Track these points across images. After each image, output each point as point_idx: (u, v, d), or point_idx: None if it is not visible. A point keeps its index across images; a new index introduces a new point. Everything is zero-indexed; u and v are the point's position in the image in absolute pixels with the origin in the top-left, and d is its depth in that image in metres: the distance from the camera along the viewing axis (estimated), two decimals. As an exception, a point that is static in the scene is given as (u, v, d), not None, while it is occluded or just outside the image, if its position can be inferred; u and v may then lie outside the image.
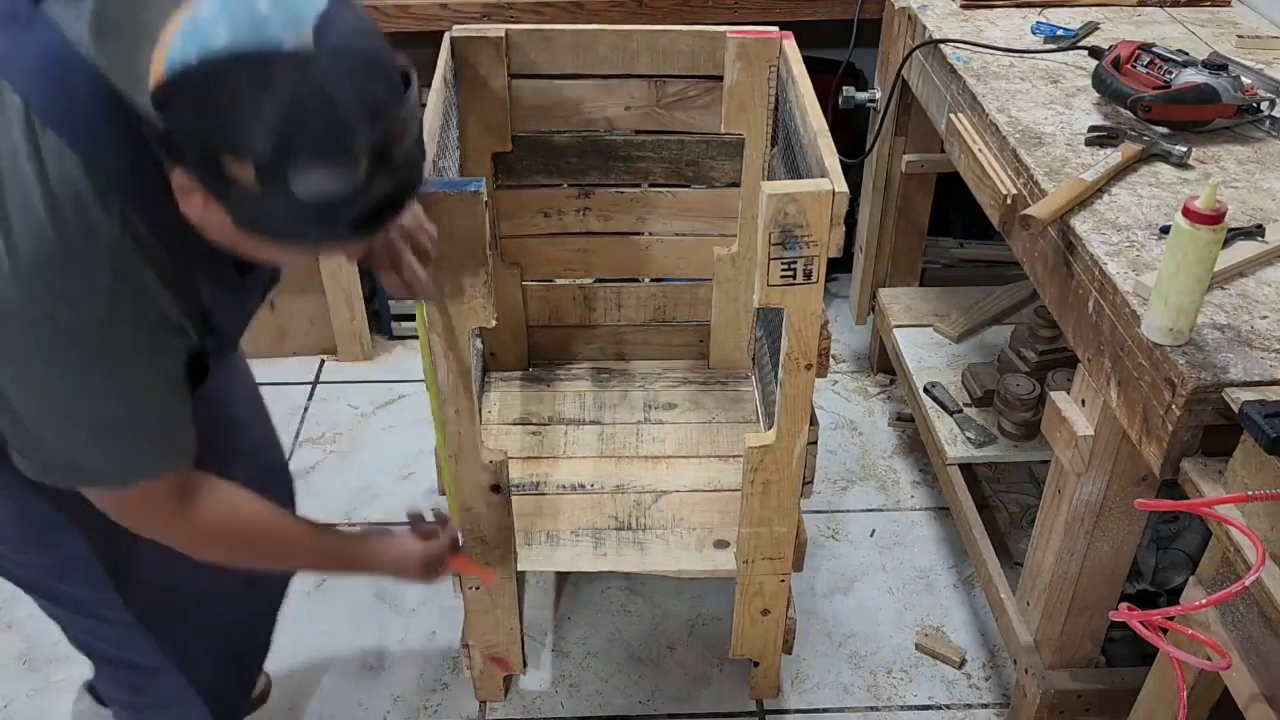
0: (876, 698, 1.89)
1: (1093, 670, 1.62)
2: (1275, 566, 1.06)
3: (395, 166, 0.94)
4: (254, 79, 0.85)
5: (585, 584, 2.08)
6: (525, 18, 2.16)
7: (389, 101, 0.92)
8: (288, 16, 0.86)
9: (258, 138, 0.86)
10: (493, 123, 1.79)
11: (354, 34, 0.90)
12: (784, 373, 1.41)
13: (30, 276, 0.96)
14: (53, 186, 0.95)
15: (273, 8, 0.86)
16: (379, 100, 0.91)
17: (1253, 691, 1.13)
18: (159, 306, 1.03)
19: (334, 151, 0.89)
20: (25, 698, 1.85)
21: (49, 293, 0.97)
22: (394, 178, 0.94)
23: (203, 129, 0.88)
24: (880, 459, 2.38)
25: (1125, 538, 1.49)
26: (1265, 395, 1.09)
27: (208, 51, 0.85)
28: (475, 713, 1.86)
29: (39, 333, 0.99)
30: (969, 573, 2.11)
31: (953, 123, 1.72)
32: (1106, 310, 1.28)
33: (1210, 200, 1.07)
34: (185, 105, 0.87)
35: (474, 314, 1.38)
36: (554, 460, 1.86)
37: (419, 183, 1.01)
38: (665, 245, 1.96)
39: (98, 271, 0.98)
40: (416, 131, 0.97)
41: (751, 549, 1.62)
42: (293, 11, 0.86)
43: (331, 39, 0.87)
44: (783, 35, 1.71)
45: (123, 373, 1.04)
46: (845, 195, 1.28)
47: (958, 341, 2.25)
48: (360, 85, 0.89)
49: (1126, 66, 1.59)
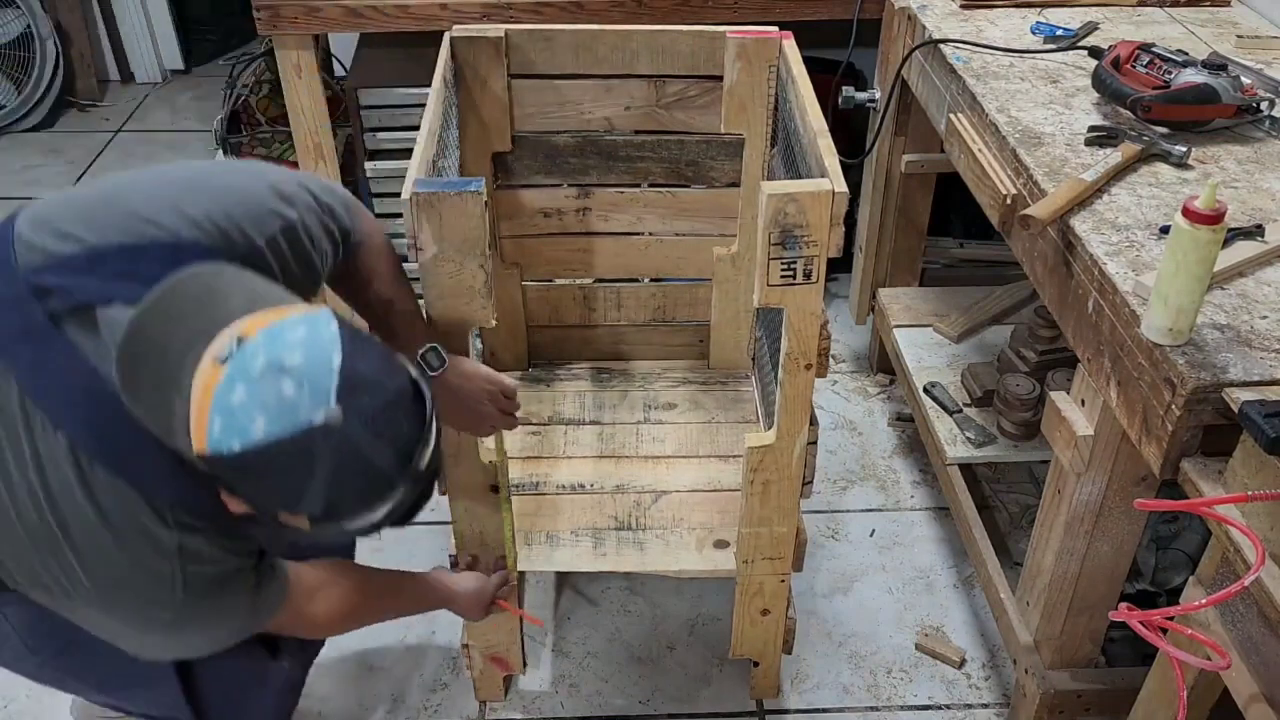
0: (876, 698, 1.89)
1: (1093, 670, 1.62)
2: (1275, 566, 1.06)
3: (424, 477, 1.03)
4: (297, 459, 0.92)
5: (585, 584, 2.08)
6: (525, 18, 2.16)
7: (415, 435, 1.00)
8: (313, 392, 0.92)
9: (307, 502, 0.95)
10: (493, 123, 1.79)
11: (373, 386, 0.96)
12: (784, 373, 1.41)
13: (113, 595, 1.08)
14: (111, 519, 1.04)
15: (298, 389, 0.91)
16: (408, 440, 0.99)
17: (1253, 691, 1.13)
18: (226, 565, 1.13)
19: (377, 499, 0.98)
20: (25, 697, 1.85)
21: (137, 603, 1.09)
22: (424, 482, 1.03)
23: (254, 495, 0.97)
24: (880, 459, 2.38)
25: (1125, 538, 1.49)
26: (1265, 395, 1.09)
27: (249, 441, 0.91)
28: (475, 713, 1.86)
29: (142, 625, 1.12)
30: (969, 573, 2.11)
31: (952, 123, 1.72)
32: (1106, 310, 1.28)
33: (1210, 200, 1.07)
34: (235, 477, 0.95)
35: (474, 314, 1.38)
36: (554, 460, 1.86)
37: (440, 470, 1.13)
38: (665, 245, 1.96)
39: (168, 571, 1.08)
40: (436, 438, 1.04)
41: (751, 549, 1.62)
42: (317, 385, 0.92)
43: (356, 401, 0.93)
44: (783, 35, 1.71)
45: (214, 621, 1.17)
46: (845, 195, 1.28)
47: (957, 341, 2.25)
48: (390, 435, 0.97)
49: (1126, 66, 1.59)
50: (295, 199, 1.19)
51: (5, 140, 3.72)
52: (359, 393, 0.94)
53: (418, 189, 1.28)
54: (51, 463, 1.02)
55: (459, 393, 1.39)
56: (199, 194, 1.11)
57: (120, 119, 3.88)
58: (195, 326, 0.94)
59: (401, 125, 2.35)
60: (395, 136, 2.36)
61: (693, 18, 2.18)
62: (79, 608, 1.11)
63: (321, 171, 2.35)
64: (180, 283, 0.98)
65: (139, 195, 1.10)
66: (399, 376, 1.00)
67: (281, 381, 0.91)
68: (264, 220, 1.13)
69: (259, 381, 0.90)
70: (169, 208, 1.08)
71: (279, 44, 2.20)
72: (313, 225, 1.20)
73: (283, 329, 0.93)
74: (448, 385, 1.37)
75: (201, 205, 1.09)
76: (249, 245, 1.11)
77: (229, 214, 1.10)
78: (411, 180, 1.30)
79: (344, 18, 2.17)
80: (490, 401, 1.41)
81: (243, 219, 1.11)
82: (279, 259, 1.14)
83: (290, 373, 0.91)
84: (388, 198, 2.45)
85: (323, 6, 2.15)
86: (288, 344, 0.92)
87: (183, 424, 0.92)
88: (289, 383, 0.91)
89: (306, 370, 0.92)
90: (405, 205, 1.29)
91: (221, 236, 1.09)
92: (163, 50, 4.10)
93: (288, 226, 1.16)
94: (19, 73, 3.71)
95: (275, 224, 1.14)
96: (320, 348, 0.93)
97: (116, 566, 1.06)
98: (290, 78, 2.23)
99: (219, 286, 0.99)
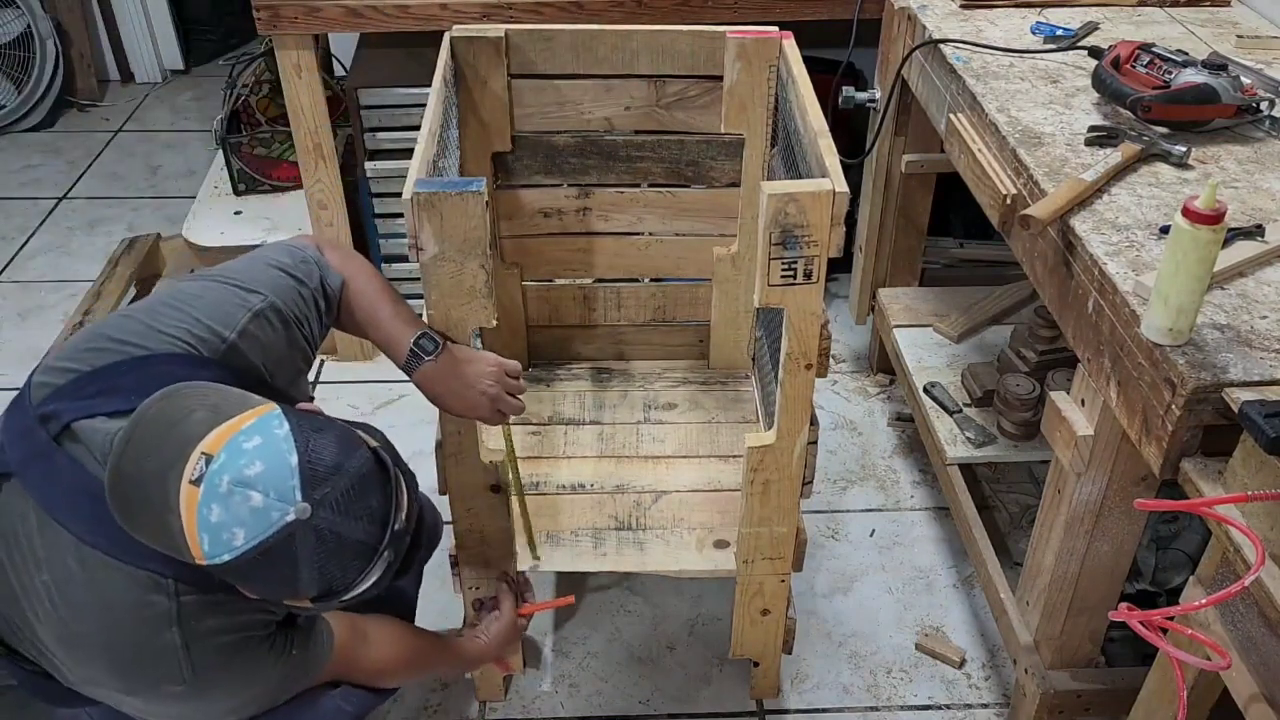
0: (876, 698, 1.89)
1: (1093, 670, 1.62)
2: (1275, 566, 1.06)
3: (406, 532, 1.11)
4: (281, 555, 1.03)
5: (585, 584, 2.08)
6: (525, 18, 2.16)
7: (385, 504, 1.09)
8: (279, 495, 1.02)
9: (304, 587, 1.05)
10: (493, 123, 1.79)
11: (334, 473, 1.05)
12: (784, 373, 1.41)
13: (125, 671, 1.16)
14: (109, 596, 1.14)
15: (265, 497, 1.01)
16: (380, 510, 1.08)
17: (1253, 691, 1.13)
18: (241, 634, 1.20)
19: (366, 567, 1.08)
20: None
21: (145, 678, 1.17)
22: (407, 536, 1.12)
23: (256, 589, 1.09)
24: (880, 459, 2.38)
25: (1125, 538, 1.49)
26: (1265, 395, 1.09)
27: (235, 551, 1.02)
28: (475, 713, 1.86)
29: (163, 699, 1.19)
30: (969, 573, 2.11)
31: (952, 123, 1.72)
32: (1106, 310, 1.28)
33: (1210, 200, 1.07)
34: (236, 579, 1.07)
35: (474, 314, 1.38)
36: (554, 460, 1.86)
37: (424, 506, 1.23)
38: (665, 245, 1.96)
39: (170, 642, 1.15)
40: (407, 492, 1.13)
41: (751, 549, 1.62)
42: (280, 488, 1.02)
43: (320, 492, 1.03)
44: (783, 35, 1.71)
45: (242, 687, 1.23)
46: (845, 195, 1.28)
47: (958, 341, 2.25)
48: (360, 510, 1.06)
49: (1126, 66, 1.59)
50: (262, 285, 1.29)
51: (5, 140, 3.72)
52: (322, 484, 1.04)
53: (418, 189, 1.28)
54: (59, 560, 1.14)
55: (461, 375, 1.38)
56: (167, 309, 1.24)
57: (120, 119, 3.88)
58: (166, 455, 1.03)
59: (401, 125, 2.35)
60: (395, 136, 2.36)
61: (693, 18, 2.18)
62: (112, 694, 1.19)
63: (322, 171, 2.35)
64: (144, 416, 1.08)
65: (116, 324, 1.23)
66: (356, 455, 1.08)
67: (249, 494, 1.01)
68: (230, 315, 1.24)
69: (228, 498, 1.01)
70: (142, 328, 1.21)
71: (279, 44, 2.20)
72: (289, 300, 1.30)
73: (239, 442, 1.03)
74: (448, 369, 1.38)
75: (170, 318, 1.22)
76: (219, 340, 1.22)
77: (195, 319, 1.22)
78: (412, 180, 1.30)
79: (344, 18, 2.17)
80: (495, 381, 1.40)
81: (209, 319, 1.23)
82: (253, 343, 1.25)
83: (253, 484, 1.01)
84: (388, 198, 2.45)
85: (323, 6, 2.15)
86: (247, 456, 1.02)
87: (182, 539, 1.03)
88: (255, 494, 1.01)
89: (268, 477, 1.02)
90: (406, 205, 1.29)
91: (191, 341, 1.20)
92: (163, 50, 4.10)
93: (255, 313, 1.26)
94: (19, 73, 3.71)
95: (240, 315, 1.25)
96: (276, 453, 1.03)
97: (123, 646, 1.15)
98: (290, 78, 2.23)
99: (178, 410, 1.07)
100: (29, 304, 2.89)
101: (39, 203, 3.36)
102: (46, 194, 3.41)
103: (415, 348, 1.36)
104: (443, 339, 1.38)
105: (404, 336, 1.37)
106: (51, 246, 3.15)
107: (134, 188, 3.46)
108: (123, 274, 2.71)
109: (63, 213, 3.32)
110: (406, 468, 1.16)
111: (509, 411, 1.44)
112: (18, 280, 3.00)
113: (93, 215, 3.31)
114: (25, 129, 3.76)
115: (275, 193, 2.77)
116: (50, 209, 3.34)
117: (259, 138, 2.73)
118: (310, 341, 1.33)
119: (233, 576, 1.05)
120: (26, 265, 3.06)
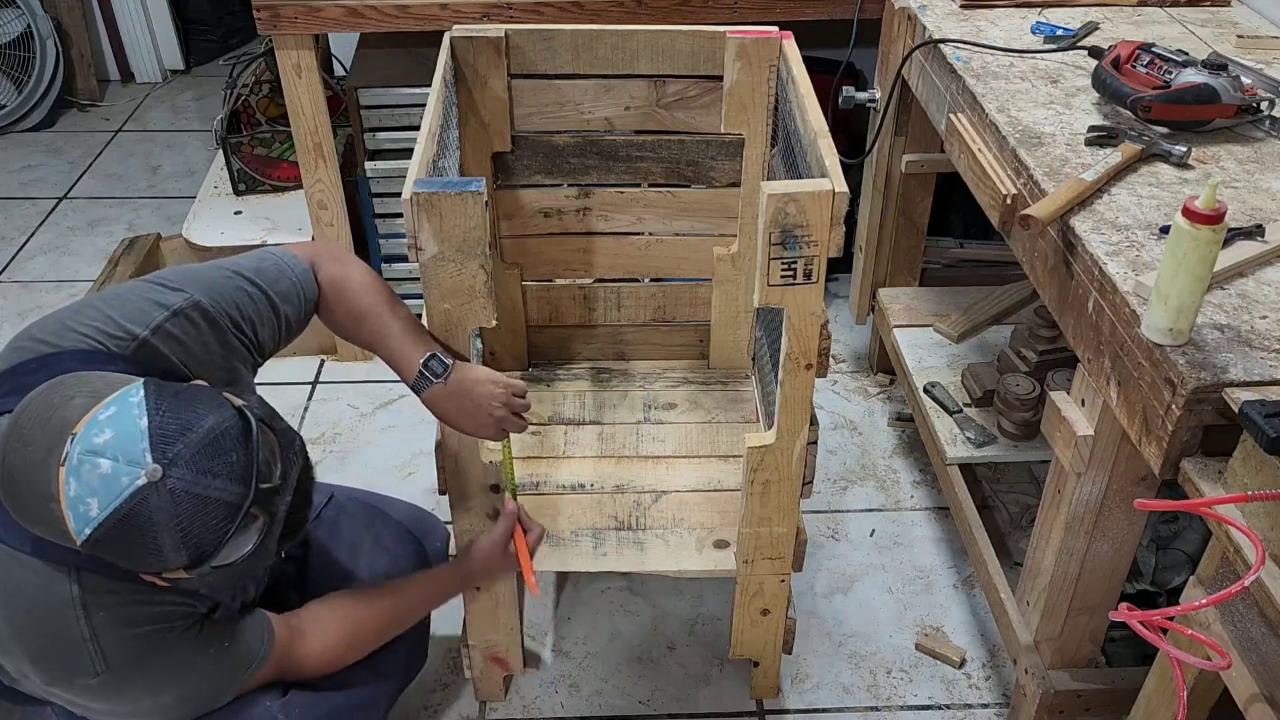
0: (876, 698, 1.89)
1: (1093, 670, 1.62)
2: (1275, 566, 1.06)
3: (283, 488, 1.09)
4: (138, 522, 1.01)
5: (585, 584, 2.08)
6: (525, 18, 2.16)
7: (247, 457, 1.06)
8: (128, 460, 1.00)
9: (170, 556, 1.03)
10: (493, 123, 1.79)
11: (185, 432, 1.03)
12: (784, 373, 1.41)
13: (42, 663, 1.15)
14: (14, 591, 1.13)
15: (113, 463, 1.00)
16: (243, 466, 1.05)
17: (1253, 691, 1.13)
18: (144, 613, 1.18)
19: (234, 528, 1.04)
20: (25, 698, 1.85)
21: (61, 670, 1.16)
22: (286, 496, 1.09)
23: (131, 564, 1.05)
24: (880, 459, 2.38)
25: (1125, 538, 1.49)
26: (1265, 395, 1.09)
27: (92, 523, 1.00)
28: (475, 713, 1.86)
29: (84, 693, 1.18)
30: (969, 573, 2.11)
31: (952, 123, 1.72)
32: (1106, 310, 1.28)
33: (1210, 200, 1.07)
34: (106, 555, 1.04)
35: (474, 314, 1.38)
36: (554, 460, 1.86)
37: (309, 467, 1.16)
38: (665, 245, 1.96)
39: (78, 633, 1.14)
40: (277, 444, 1.11)
41: (751, 549, 1.62)
42: (129, 452, 1.01)
43: (171, 451, 1.02)
44: (783, 35, 1.71)
45: (171, 682, 1.21)
46: (845, 195, 1.28)
47: (958, 341, 2.25)
48: (219, 468, 1.03)
49: (1126, 66, 1.59)
50: (194, 285, 1.27)
51: (5, 140, 3.72)
52: (173, 443, 1.02)
53: (418, 189, 1.28)
54: None
55: (469, 397, 1.39)
56: (89, 307, 1.23)
57: (120, 119, 3.88)
58: (44, 443, 1.03)
59: (401, 125, 2.35)
60: (395, 136, 2.37)
61: (693, 18, 2.19)
62: (41, 688, 1.19)
63: (322, 171, 2.35)
64: (28, 408, 1.07)
65: (42, 322, 1.23)
66: (215, 413, 1.06)
67: (98, 462, 1.00)
68: (145, 313, 1.23)
69: (79, 469, 1.00)
70: (59, 326, 1.21)
71: (279, 44, 2.20)
72: (225, 302, 1.29)
73: (97, 415, 1.02)
74: (456, 391, 1.38)
75: (87, 315, 1.21)
76: (129, 337, 1.20)
77: (109, 316, 1.21)
78: (412, 180, 1.30)
79: (344, 18, 2.17)
80: (502, 404, 1.41)
81: (123, 317, 1.22)
82: (171, 342, 1.23)
83: (102, 451, 1.00)
84: (388, 198, 2.45)
85: (323, 6, 2.15)
86: (99, 426, 1.01)
87: (63, 525, 1.02)
88: (104, 461, 1.00)
89: (117, 443, 1.01)
90: (405, 205, 1.29)
91: (99, 338, 1.19)
92: (163, 50, 4.11)
93: (174, 312, 1.24)
94: (19, 72, 3.71)
95: (157, 314, 1.23)
96: (127, 418, 1.02)
97: (34, 638, 1.15)
98: (290, 78, 2.23)
99: (60, 399, 1.06)
100: (29, 304, 2.89)
101: (39, 203, 3.37)
102: (46, 194, 3.41)
103: (424, 369, 1.37)
104: (451, 359, 1.38)
105: (413, 356, 1.37)
106: (51, 246, 3.15)
107: (134, 188, 3.47)
108: (123, 274, 2.71)
109: (63, 213, 3.32)
110: (288, 428, 1.14)
111: (514, 431, 1.45)
112: (18, 280, 3.00)
113: (93, 215, 3.31)
114: (25, 129, 3.77)
115: (275, 193, 2.77)
116: (50, 209, 3.34)
117: (259, 138, 2.73)
118: (251, 344, 1.32)
119: (103, 551, 1.03)
120: (26, 265, 3.06)
